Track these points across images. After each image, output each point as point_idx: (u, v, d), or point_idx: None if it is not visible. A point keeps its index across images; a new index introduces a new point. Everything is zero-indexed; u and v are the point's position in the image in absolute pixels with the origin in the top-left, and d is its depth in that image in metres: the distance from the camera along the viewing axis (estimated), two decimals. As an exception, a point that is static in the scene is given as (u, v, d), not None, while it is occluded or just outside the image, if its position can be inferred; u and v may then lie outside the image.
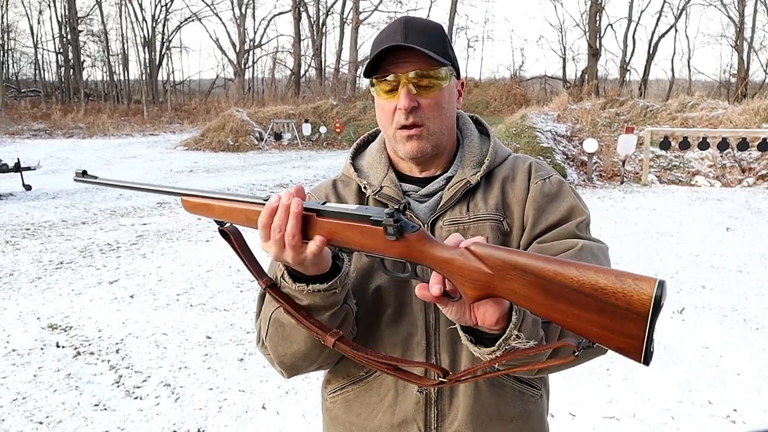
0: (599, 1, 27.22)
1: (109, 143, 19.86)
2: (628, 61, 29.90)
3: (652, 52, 29.33)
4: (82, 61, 34.86)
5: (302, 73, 34.38)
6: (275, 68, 35.70)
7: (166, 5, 35.08)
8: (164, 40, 36.22)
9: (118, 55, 36.77)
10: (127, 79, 36.32)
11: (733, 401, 3.09)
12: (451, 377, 0.83)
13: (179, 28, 37.30)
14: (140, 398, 3.18)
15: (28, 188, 9.85)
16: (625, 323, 0.60)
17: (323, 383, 1.14)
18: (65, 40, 34.11)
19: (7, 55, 34.80)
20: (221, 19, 60.68)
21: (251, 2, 34.33)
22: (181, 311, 4.46)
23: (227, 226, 0.90)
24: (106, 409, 3.07)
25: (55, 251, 6.21)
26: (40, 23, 54.74)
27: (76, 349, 3.81)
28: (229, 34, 45.02)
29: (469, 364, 0.97)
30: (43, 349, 3.80)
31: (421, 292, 0.76)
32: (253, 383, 3.34)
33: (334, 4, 33.34)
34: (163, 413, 3.03)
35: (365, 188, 1.06)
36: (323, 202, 0.81)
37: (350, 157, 1.13)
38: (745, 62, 27.01)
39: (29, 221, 7.70)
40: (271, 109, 20.81)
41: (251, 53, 35.55)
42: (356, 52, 30.31)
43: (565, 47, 34.71)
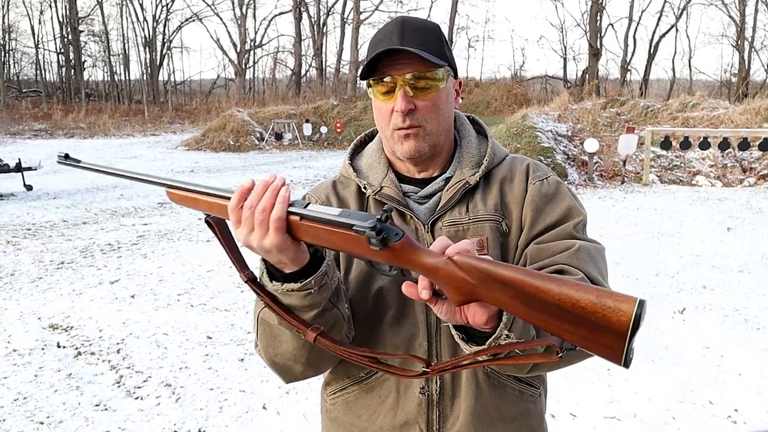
0: (600, 0, 27.21)
1: (110, 143, 19.90)
2: (628, 60, 29.92)
3: (652, 51, 29.35)
4: (83, 61, 34.96)
5: (303, 73, 34.43)
6: (276, 68, 35.80)
7: (167, 5, 35.16)
8: (165, 40, 36.31)
9: (119, 55, 36.89)
10: (128, 79, 36.43)
11: (734, 401, 3.08)
12: (434, 367, 0.82)
13: (180, 28, 37.37)
14: (141, 398, 3.18)
15: (29, 188, 9.87)
16: (605, 338, 0.61)
17: (323, 385, 1.14)
18: (66, 40, 34.16)
19: (8, 55, 34.91)
20: (222, 19, 60.63)
21: (252, 2, 34.39)
22: (181, 311, 4.46)
23: (212, 216, 0.89)
24: (106, 409, 3.07)
25: (56, 251, 6.21)
26: (41, 23, 54.94)
27: (76, 349, 3.81)
28: (229, 34, 45.00)
29: None
30: (44, 349, 3.80)
31: (407, 290, 0.76)
32: (253, 383, 3.34)
33: (334, 4, 33.42)
34: (163, 413, 3.03)
35: (365, 188, 1.06)
36: (306, 204, 0.80)
37: (348, 157, 1.12)
38: (746, 62, 27.00)
39: (30, 221, 7.71)
40: (271, 109, 20.83)
41: (252, 53, 35.63)
42: (357, 52, 30.30)
43: (565, 47, 34.84)
